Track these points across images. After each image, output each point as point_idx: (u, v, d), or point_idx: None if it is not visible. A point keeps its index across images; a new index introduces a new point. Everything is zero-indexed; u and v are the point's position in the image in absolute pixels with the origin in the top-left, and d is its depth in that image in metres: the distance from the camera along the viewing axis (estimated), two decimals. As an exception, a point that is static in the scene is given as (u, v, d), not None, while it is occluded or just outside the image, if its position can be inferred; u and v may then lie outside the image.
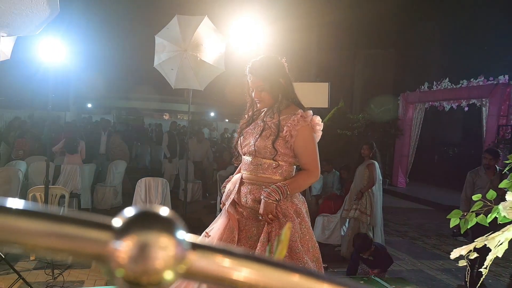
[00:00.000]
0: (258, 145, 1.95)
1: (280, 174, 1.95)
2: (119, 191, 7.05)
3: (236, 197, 2.01)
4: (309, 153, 1.95)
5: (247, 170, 2.01)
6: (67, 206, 5.05)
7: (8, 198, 0.27)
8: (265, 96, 1.98)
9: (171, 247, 0.26)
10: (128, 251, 0.26)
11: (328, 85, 4.02)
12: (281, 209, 1.90)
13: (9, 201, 0.26)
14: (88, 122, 12.91)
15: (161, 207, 0.28)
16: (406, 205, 8.66)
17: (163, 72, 4.39)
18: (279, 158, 1.94)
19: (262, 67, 1.99)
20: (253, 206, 1.95)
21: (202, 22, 4.19)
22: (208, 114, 20.34)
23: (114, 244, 0.26)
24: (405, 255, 5.01)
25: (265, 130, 1.97)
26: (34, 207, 0.26)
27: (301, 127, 1.91)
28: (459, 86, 9.27)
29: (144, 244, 0.26)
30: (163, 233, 0.26)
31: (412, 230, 6.44)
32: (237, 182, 2.03)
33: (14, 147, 7.80)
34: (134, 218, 0.27)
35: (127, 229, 0.26)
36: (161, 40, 4.29)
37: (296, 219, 1.92)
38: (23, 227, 0.24)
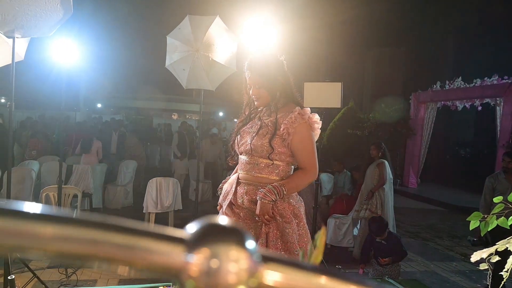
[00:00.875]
0: (254, 143, 1.91)
1: (277, 174, 1.91)
2: (129, 190, 7.09)
3: (232, 198, 1.97)
4: (307, 151, 1.91)
5: (243, 170, 1.97)
6: (79, 205, 5.10)
7: (73, 211, 0.26)
8: (262, 93, 1.95)
9: (244, 260, 0.25)
10: (200, 264, 0.24)
11: (340, 85, 3.98)
12: (278, 210, 1.87)
13: (78, 213, 0.25)
14: (99, 122, 13.02)
15: (228, 219, 0.27)
16: (417, 206, 8.57)
17: (175, 72, 4.39)
18: (275, 157, 1.90)
19: (261, 63, 1.95)
20: (249, 207, 1.92)
21: (214, 22, 4.18)
22: (217, 114, 20.40)
23: (186, 257, 0.25)
24: (418, 257, 4.95)
25: (262, 128, 1.93)
26: (107, 220, 0.25)
27: (299, 125, 1.87)
28: (472, 85, 9.13)
29: (216, 258, 0.25)
30: (235, 246, 0.25)
31: (424, 231, 6.36)
32: (234, 183, 2.00)
33: (27, 147, 7.89)
34: (206, 230, 0.26)
35: (199, 242, 0.25)
36: (173, 40, 4.29)
37: (294, 220, 1.89)
38: (100, 239, 0.23)
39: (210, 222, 0.26)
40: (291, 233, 1.85)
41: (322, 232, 0.61)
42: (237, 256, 0.25)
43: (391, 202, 4.69)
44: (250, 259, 0.25)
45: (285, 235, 1.85)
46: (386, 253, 3.51)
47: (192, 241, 0.25)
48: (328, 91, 4.00)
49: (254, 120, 2.02)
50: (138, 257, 0.24)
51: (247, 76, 1.97)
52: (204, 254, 0.24)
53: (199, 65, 4.19)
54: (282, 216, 1.87)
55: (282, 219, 1.86)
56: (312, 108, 4.11)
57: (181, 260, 0.24)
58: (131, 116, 18.48)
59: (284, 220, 1.86)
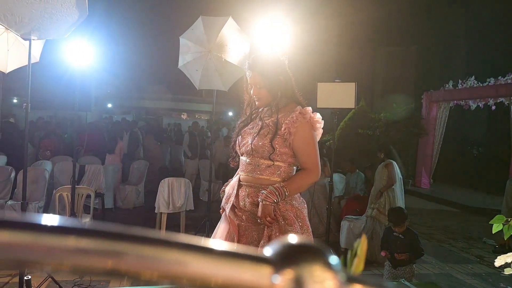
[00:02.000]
0: (255, 144, 1.88)
1: (279, 175, 1.89)
2: (141, 190, 7.13)
3: (235, 200, 1.94)
4: (309, 151, 1.88)
5: (244, 171, 1.95)
6: (92, 205, 5.14)
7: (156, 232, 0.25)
8: (264, 93, 1.93)
9: (330, 281, 0.24)
10: (287, 286, 0.23)
11: (354, 85, 3.94)
12: (280, 212, 1.84)
13: (159, 234, 0.24)
14: (109, 122, 13.12)
15: (309, 238, 0.25)
16: (430, 207, 8.46)
17: (188, 73, 4.40)
18: (277, 158, 1.87)
19: (262, 63, 1.94)
20: (251, 210, 1.89)
21: (227, 23, 4.18)
22: (226, 113, 20.43)
23: (272, 278, 0.23)
24: (432, 258, 4.88)
25: (263, 128, 1.91)
26: (190, 240, 0.24)
27: (300, 124, 1.86)
28: (485, 84, 8.99)
29: (303, 279, 0.23)
30: (321, 266, 0.24)
31: (438, 232, 6.27)
32: (235, 185, 1.97)
33: (40, 147, 7.98)
34: (290, 250, 0.24)
35: (284, 263, 0.24)
36: (186, 41, 4.31)
37: (297, 223, 1.86)
38: (184, 261, 0.22)
39: (293, 242, 0.25)
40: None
41: (362, 240, 0.59)
42: (323, 277, 0.23)
43: (401, 202, 4.65)
44: (336, 280, 0.24)
45: None
46: (402, 249, 3.43)
47: (276, 261, 0.24)
48: (342, 92, 3.97)
49: (255, 121, 2.00)
50: (223, 278, 0.23)
51: (248, 76, 1.96)
52: (290, 275, 0.23)
53: (212, 66, 4.19)
54: (285, 218, 1.84)
55: (285, 221, 1.84)
56: (326, 108, 4.09)
57: (267, 281, 0.23)
58: (141, 116, 18.62)
59: (287, 223, 1.84)
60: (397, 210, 3.56)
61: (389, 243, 3.46)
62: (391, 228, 3.51)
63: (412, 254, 3.40)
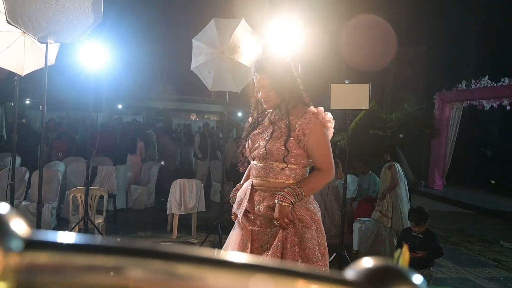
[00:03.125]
0: (269, 147, 1.86)
1: (294, 178, 1.88)
2: (152, 191, 7.17)
3: (248, 205, 1.92)
4: (323, 151, 1.89)
5: (258, 176, 1.92)
6: (105, 206, 5.18)
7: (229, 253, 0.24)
8: (272, 96, 1.92)
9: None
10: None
11: (368, 86, 3.90)
12: (296, 215, 1.83)
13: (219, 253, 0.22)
14: (120, 123, 13.23)
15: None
16: (443, 208, 8.35)
17: (200, 75, 4.40)
18: (291, 160, 1.86)
19: (269, 66, 1.93)
20: (266, 214, 1.87)
21: (239, 25, 4.17)
22: (236, 114, 20.46)
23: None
24: (448, 262, 4.80)
25: (275, 131, 1.89)
26: (265, 262, 0.23)
27: (314, 125, 1.85)
28: (500, 84, 8.85)
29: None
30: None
31: (453, 235, 6.19)
32: (248, 190, 1.94)
33: (53, 148, 8.07)
34: (376, 272, 0.23)
35: (372, 286, 0.22)
36: (198, 43, 4.31)
37: (313, 226, 1.85)
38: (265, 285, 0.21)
39: (377, 264, 0.24)
40: (310, 238, 1.81)
41: (404, 250, 0.57)
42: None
43: (406, 204, 4.60)
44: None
45: (303, 240, 1.81)
46: (421, 249, 3.38)
47: (362, 284, 0.23)
48: (355, 93, 3.93)
49: (264, 124, 1.98)
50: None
51: (255, 79, 1.95)
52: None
53: (225, 68, 4.19)
54: (301, 221, 1.83)
55: (301, 223, 1.83)
56: (339, 110, 4.05)
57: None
58: (151, 116, 18.74)
59: (303, 225, 1.83)
60: (418, 209, 3.49)
61: (408, 243, 3.39)
62: (410, 228, 3.46)
63: (431, 252, 3.34)
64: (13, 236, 0.23)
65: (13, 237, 0.22)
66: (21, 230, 0.23)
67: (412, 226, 3.39)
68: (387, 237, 4.52)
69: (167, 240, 5.17)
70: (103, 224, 4.99)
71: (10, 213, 0.24)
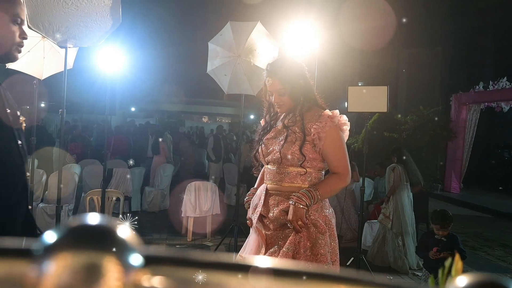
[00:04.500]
0: (284, 152, 1.83)
1: (310, 182, 1.84)
2: (166, 194, 7.20)
3: (262, 210, 1.89)
4: (339, 155, 1.85)
5: (272, 180, 1.89)
6: (122, 209, 5.21)
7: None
8: (286, 100, 1.87)
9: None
10: None
11: (386, 88, 3.85)
12: (311, 219, 1.79)
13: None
14: (132, 125, 13.35)
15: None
16: (461, 212, 8.17)
17: (216, 78, 4.41)
18: (307, 164, 1.82)
19: (282, 69, 1.88)
20: (279, 218, 1.84)
21: (255, 28, 4.17)
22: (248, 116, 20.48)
23: None
24: (467, 267, 4.69)
25: (290, 135, 1.85)
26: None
27: (330, 129, 1.82)
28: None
29: None
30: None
31: (472, 239, 6.05)
32: (262, 194, 1.91)
33: (68, 151, 8.18)
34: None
35: None
36: (214, 46, 4.32)
37: (327, 232, 1.81)
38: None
39: (479, 280, 0.22)
40: (323, 244, 1.77)
41: (456, 259, 0.54)
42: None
43: (407, 208, 4.54)
44: None
45: (316, 246, 1.77)
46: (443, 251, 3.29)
47: None
48: (373, 95, 3.89)
49: (277, 128, 1.94)
50: None
51: (268, 83, 1.90)
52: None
53: (241, 71, 4.19)
54: (316, 226, 1.79)
55: (316, 229, 1.79)
56: (356, 112, 4.00)
57: None
58: (163, 119, 18.88)
59: (318, 230, 1.79)
60: (442, 212, 3.41)
61: (428, 247, 3.31)
62: (432, 232, 3.38)
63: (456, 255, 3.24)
64: (133, 252, 0.21)
65: (133, 253, 0.21)
66: (139, 245, 0.22)
67: (436, 229, 3.31)
68: (391, 240, 4.47)
69: (182, 243, 5.17)
70: (119, 226, 5.02)
71: (128, 229, 0.23)
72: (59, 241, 0.21)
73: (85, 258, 0.20)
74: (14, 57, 1.32)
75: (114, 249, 0.20)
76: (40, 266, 0.20)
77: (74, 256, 0.20)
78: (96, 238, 0.21)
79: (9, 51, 1.28)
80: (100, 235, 0.21)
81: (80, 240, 0.21)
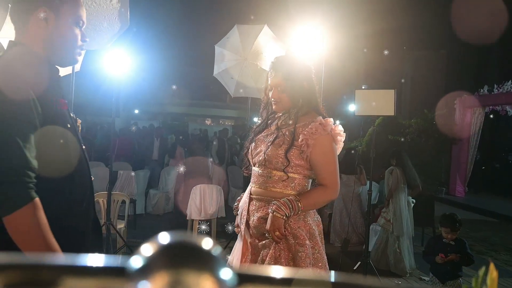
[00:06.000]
0: (269, 154, 1.72)
1: (293, 188, 1.72)
2: (171, 196, 7.19)
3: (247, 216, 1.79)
4: (328, 166, 1.72)
5: (255, 183, 1.78)
6: (127, 211, 5.21)
7: None
8: (284, 97, 1.77)
9: None
10: None
11: (394, 92, 3.84)
12: (291, 229, 1.67)
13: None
14: (136, 128, 13.36)
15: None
16: (466, 216, 8.13)
17: (223, 81, 4.42)
18: (291, 170, 1.71)
19: (288, 65, 1.78)
20: (259, 226, 1.72)
21: (262, 31, 4.18)
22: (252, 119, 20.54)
23: None
24: (474, 272, 4.64)
25: (279, 137, 1.75)
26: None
27: (320, 136, 1.69)
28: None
29: None
30: None
31: (478, 243, 6.02)
32: (247, 199, 1.81)
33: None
34: None
35: None
36: (221, 49, 4.33)
37: (309, 243, 1.68)
38: None
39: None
40: (304, 257, 1.65)
41: (491, 268, 0.53)
42: None
43: (404, 210, 4.54)
44: None
45: (297, 259, 1.65)
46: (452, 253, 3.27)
47: None
48: (381, 99, 3.88)
49: (270, 128, 1.85)
50: None
51: (270, 76, 1.81)
52: None
53: (248, 74, 4.19)
54: (296, 237, 1.67)
55: (295, 240, 1.67)
56: (364, 116, 3.99)
57: None
58: (167, 122, 18.91)
59: (297, 242, 1.66)
60: (452, 216, 3.39)
61: (437, 251, 3.29)
62: (440, 236, 3.36)
63: (463, 259, 3.23)
64: (228, 271, 0.21)
65: (228, 272, 0.21)
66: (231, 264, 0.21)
67: (445, 233, 3.28)
68: (392, 243, 4.46)
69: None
70: (125, 229, 5.02)
71: (219, 247, 0.22)
72: (155, 260, 0.20)
73: (182, 277, 0.19)
74: (76, 60, 1.30)
75: (210, 267, 0.20)
76: (136, 285, 0.20)
77: (171, 275, 0.20)
78: (192, 256, 0.20)
79: (71, 54, 1.26)
80: (196, 254, 0.20)
81: (176, 259, 0.20)
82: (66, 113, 1.22)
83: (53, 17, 1.19)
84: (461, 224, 3.30)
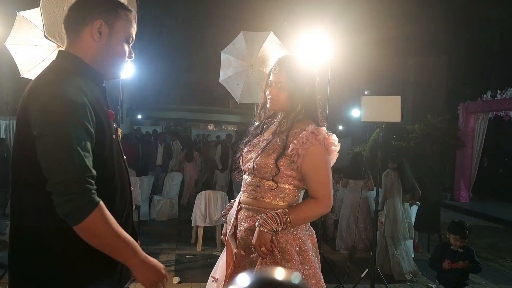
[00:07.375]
0: (258, 163, 1.64)
1: (282, 199, 1.63)
2: (175, 203, 7.18)
3: (234, 224, 1.71)
4: (320, 178, 1.61)
5: (245, 192, 1.71)
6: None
7: None
8: (282, 96, 1.67)
9: None
10: None
11: (400, 98, 3.84)
12: (278, 243, 1.57)
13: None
14: (139, 133, 13.39)
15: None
16: (471, 222, 8.04)
17: (229, 87, 4.43)
18: (281, 180, 1.62)
19: (294, 65, 1.70)
20: (245, 237, 1.64)
21: (268, 38, 4.20)
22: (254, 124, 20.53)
23: None
24: (481, 279, 4.63)
25: (269, 145, 1.66)
26: None
27: (312, 146, 1.59)
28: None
29: None
30: None
31: (484, 250, 5.98)
32: (236, 207, 1.74)
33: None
34: None
35: None
36: (227, 56, 4.34)
37: (297, 258, 1.58)
38: None
39: None
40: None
41: None
42: None
43: (399, 212, 4.53)
44: None
45: None
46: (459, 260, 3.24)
47: None
48: (387, 105, 3.88)
49: (263, 135, 1.77)
50: None
51: (274, 71, 1.71)
52: None
53: (254, 80, 4.21)
54: (283, 251, 1.57)
55: (282, 255, 1.57)
56: (371, 122, 3.98)
57: None
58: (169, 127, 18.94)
59: (284, 257, 1.56)
60: (462, 223, 3.36)
61: (444, 259, 3.26)
62: (447, 243, 3.34)
63: (471, 267, 3.20)
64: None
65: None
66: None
67: (453, 240, 3.26)
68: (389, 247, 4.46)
69: (192, 253, 5.15)
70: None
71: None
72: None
73: None
74: (119, 75, 1.31)
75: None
76: None
77: None
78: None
79: (117, 70, 1.27)
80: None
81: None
82: (112, 124, 1.23)
83: (107, 31, 1.20)
84: (470, 231, 3.28)
